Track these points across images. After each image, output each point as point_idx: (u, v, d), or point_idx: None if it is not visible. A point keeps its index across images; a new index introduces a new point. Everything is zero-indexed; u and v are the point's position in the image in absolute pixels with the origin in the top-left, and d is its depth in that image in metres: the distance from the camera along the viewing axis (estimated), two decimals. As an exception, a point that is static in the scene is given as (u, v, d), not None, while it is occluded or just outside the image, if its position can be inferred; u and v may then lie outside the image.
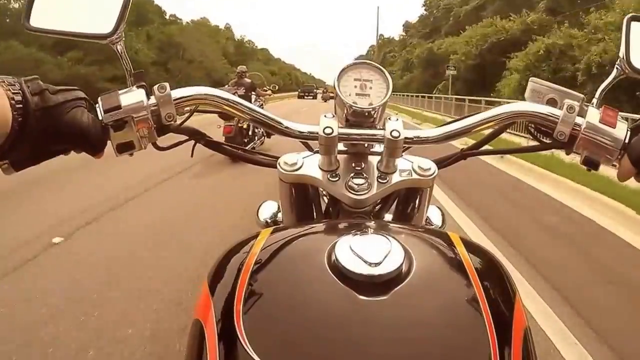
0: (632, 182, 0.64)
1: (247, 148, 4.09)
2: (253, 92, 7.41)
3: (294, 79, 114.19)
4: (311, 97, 46.40)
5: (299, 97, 48.18)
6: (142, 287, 2.56)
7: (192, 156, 0.73)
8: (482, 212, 4.23)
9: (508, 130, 0.98)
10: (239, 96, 0.72)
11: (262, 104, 7.55)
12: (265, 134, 7.22)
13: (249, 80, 7.38)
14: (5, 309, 2.31)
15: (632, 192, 4.32)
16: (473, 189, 5.13)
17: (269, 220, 1.01)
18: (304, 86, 59.62)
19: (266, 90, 8.16)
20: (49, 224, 3.57)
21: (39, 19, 0.60)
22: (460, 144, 1.12)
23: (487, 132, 0.71)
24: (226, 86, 7.75)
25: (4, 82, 0.50)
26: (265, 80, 8.80)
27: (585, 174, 4.80)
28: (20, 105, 0.50)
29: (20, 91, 0.50)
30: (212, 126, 5.04)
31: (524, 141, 7.90)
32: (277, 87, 9.50)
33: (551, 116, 0.63)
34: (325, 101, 37.64)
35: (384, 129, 0.62)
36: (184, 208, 4.33)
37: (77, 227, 3.55)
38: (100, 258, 2.99)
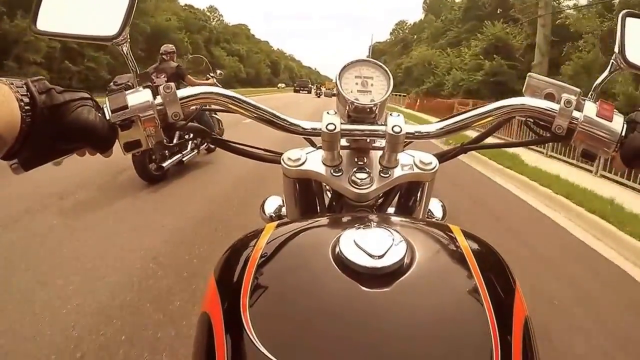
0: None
1: (162, 165, 3.91)
2: (182, 81, 5.25)
3: (287, 70, 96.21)
4: (306, 92, 49.87)
5: (295, 91, 52.69)
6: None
7: (197, 154, 0.74)
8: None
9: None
10: (157, 86, 0.62)
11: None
12: (198, 148, 5.44)
13: (174, 64, 5.38)
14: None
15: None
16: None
17: (274, 215, 1.02)
18: (299, 81, 63.20)
19: (207, 79, 5.90)
20: None
21: (45, 22, 0.61)
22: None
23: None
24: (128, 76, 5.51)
25: (12, 84, 0.51)
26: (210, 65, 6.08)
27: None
28: (29, 107, 0.51)
29: (27, 92, 0.51)
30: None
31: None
32: (222, 74, 6.54)
33: (549, 110, 0.65)
34: (318, 97, 37.61)
35: (385, 124, 0.63)
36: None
37: None
38: None
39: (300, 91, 50.69)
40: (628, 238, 3.65)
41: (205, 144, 5.48)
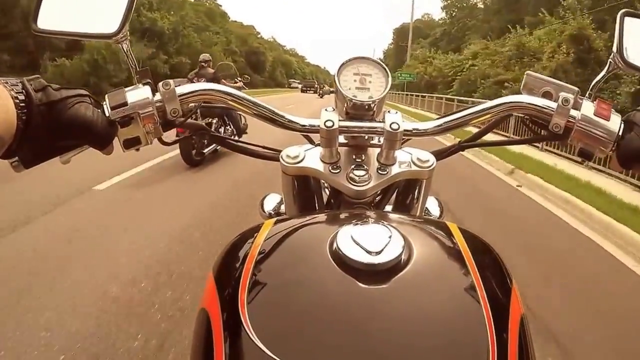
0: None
1: (203, 151, 4.74)
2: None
3: (282, 66, 74.86)
4: (312, 92, 49.85)
5: (302, 91, 52.57)
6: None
7: (200, 152, 0.75)
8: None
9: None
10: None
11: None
12: (236, 134, 6.63)
13: (211, 71, 6.51)
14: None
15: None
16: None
17: (272, 212, 1.03)
18: (305, 81, 63.66)
19: (235, 82, 6.99)
20: None
21: (46, 21, 0.61)
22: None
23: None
24: (184, 78, 6.77)
25: (7, 82, 0.51)
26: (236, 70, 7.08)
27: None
28: (24, 104, 0.51)
29: (23, 90, 0.52)
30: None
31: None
32: (248, 78, 8.11)
33: (547, 109, 0.65)
34: (320, 97, 37.39)
35: (383, 121, 0.63)
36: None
37: None
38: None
39: (307, 91, 51.25)
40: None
41: (234, 136, 6.40)
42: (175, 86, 0.63)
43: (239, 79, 7.12)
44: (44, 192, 4.03)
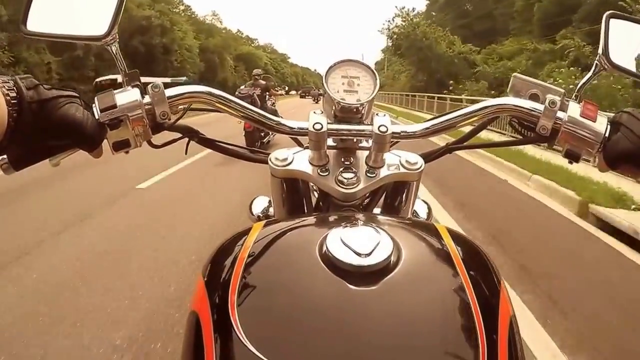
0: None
1: (263, 141, 5.70)
2: (267, 92, 8.51)
3: (239, 61, 50.02)
4: (310, 97, 49.46)
5: (301, 96, 52.47)
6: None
7: (186, 154, 0.75)
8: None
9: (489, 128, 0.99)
10: (257, 96, 0.74)
11: (274, 102, 9.03)
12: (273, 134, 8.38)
13: (263, 82, 8.50)
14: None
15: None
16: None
17: (261, 215, 1.03)
18: (304, 87, 63.82)
19: (278, 90, 9.50)
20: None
21: (35, 23, 0.61)
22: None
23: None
24: (243, 87, 8.67)
25: None
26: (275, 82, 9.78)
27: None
28: (15, 101, 0.51)
29: (14, 88, 0.52)
30: (233, 121, 5.73)
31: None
32: (286, 87, 11.08)
33: (534, 111, 0.65)
34: (316, 102, 37.42)
35: (371, 124, 0.63)
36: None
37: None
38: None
39: (306, 97, 51.19)
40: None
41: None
42: (165, 89, 0.63)
43: (278, 87, 9.85)
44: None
